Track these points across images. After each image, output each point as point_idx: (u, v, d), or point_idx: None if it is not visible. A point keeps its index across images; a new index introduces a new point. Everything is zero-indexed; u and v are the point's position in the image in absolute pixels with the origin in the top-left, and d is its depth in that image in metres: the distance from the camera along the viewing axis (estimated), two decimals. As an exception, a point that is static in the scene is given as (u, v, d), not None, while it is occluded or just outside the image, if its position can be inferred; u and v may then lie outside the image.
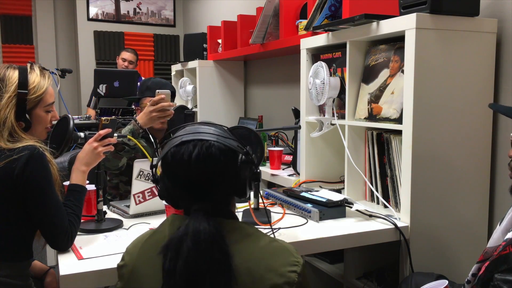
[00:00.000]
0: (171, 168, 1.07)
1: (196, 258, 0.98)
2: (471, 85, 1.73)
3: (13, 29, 5.34)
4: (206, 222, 1.01)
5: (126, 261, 1.12)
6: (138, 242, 1.13)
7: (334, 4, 2.09)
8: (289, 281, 1.01)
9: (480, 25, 1.72)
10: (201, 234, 0.99)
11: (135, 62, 4.51)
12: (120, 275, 1.13)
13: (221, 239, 1.01)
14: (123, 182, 2.39)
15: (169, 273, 0.99)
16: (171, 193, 1.11)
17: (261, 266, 1.01)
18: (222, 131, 1.11)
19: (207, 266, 0.98)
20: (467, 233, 1.77)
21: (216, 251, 0.99)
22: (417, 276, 1.54)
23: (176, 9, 5.90)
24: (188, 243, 0.98)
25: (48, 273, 1.73)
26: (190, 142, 1.06)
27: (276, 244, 1.07)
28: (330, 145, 2.27)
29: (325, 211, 1.74)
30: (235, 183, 1.10)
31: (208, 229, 1.00)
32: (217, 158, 1.05)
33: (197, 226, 1.00)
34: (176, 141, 1.07)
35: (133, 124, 2.07)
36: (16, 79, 1.45)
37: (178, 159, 1.05)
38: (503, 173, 1.80)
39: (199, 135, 1.07)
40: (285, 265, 1.02)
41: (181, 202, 1.12)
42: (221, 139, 1.07)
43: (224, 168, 1.06)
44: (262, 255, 1.03)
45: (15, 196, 1.40)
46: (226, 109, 3.95)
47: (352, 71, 1.97)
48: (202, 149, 1.04)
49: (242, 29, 3.37)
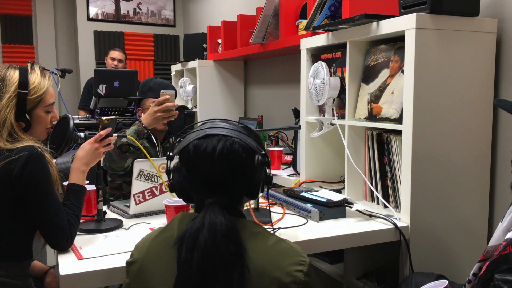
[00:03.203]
0: (192, 160, 1.08)
1: (213, 249, 0.99)
2: (471, 85, 1.73)
3: (13, 29, 5.34)
4: (221, 215, 1.02)
5: (135, 258, 1.12)
6: (148, 239, 1.14)
7: (334, 4, 2.09)
8: (295, 280, 1.01)
9: (480, 25, 1.72)
10: (217, 226, 1.01)
11: (124, 60, 4.45)
12: (129, 271, 1.13)
13: (236, 232, 1.02)
14: (126, 183, 2.39)
15: (186, 263, 1.00)
16: (186, 185, 1.11)
17: (268, 265, 1.02)
18: (242, 130, 1.13)
19: (222, 258, 0.99)
20: (467, 233, 1.77)
21: (231, 243, 1.00)
22: (417, 276, 1.54)
23: (176, 9, 5.90)
24: (204, 234, 1.00)
25: (48, 273, 1.73)
26: (215, 136, 1.07)
27: (284, 244, 1.08)
28: (330, 145, 2.27)
29: (325, 211, 1.74)
30: (250, 182, 1.11)
31: (224, 221, 1.02)
32: (240, 155, 1.07)
33: (213, 218, 1.02)
34: (200, 134, 1.09)
35: (137, 125, 2.08)
36: (17, 79, 1.45)
37: (201, 152, 1.06)
38: (503, 173, 1.80)
39: (222, 131, 1.09)
40: (292, 265, 1.03)
41: (195, 195, 1.12)
42: (243, 137, 1.10)
43: (244, 166, 1.08)
44: (270, 254, 1.04)
45: (14, 196, 1.40)
46: (226, 109, 3.95)
47: (352, 71, 1.97)
48: (226, 144, 1.06)
49: (242, 29, 3.37)
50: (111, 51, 4.45)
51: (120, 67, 4.37)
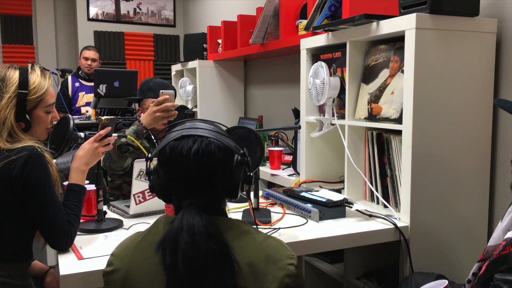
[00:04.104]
0: (169, 161, 1.07)
1: (194, 250, 0.99)
2: (471, 85, 1.73)
3: (13, 29, 5.35)
4: (198, 216, 1.02)
5: (116, 266, 1.09)
6: (129, 245, 1.11)
7: (334, 4, 2.09)
8: (289, 274, 1.03)
9: (480, 25, 1.72)
10: (195, 227, 1.00)
11: (98, 59, 4.27)
12: (109, 281, 1.09)
13: (216, 231, 1.02)
14: (126, 183, 2.39)
15: (171, 268, 0.99)
16: (164, 186, 1.10)
17: (261, 261, 1.03)
18: (220, 130, 1.12)
19: (205, 259, 0.98)
20: (467, 233, 1.77)
21: (212, 243, 1.00)
22: (417, 276, 1.54)
23: (176, 9, 5.91)
24: (184, 236, 0.99)
25: (48, 273, 1.74)
26: (190, 137, 1.06)
27: (272, 240, 1.09)
28: (330, 145, 2.27)
29: (325, 211, 1.74)
30: (228, 183, 1.10)
31: (201, 222, 1.01)
32: (216, 155, 1.06)
33: (190, 220, 1.01)
34: (176, 135, 1.08)
35: (137, 124, 2.08)
36: (17, 79, 1.45)
37: (177, 153, 1.05)
38: (503, 173, 1.80)
39: (199, 131, 1.08)
40: (284, 259, 1.04)
41: (174, 197, 1.11)
42: (220, 137, 1.09)
43: (221, 166, 1.07)
44: (261, 250, 1.05)
45: (14, 196, 1.40)
46: (226, 109, 3.95)
47: (352, 71, 1.97)
48: (201, 144, 1.05)
49: (242, 29, 3.37)
50: (84, 50, 4.26)
51: (94, 66, 4.19)
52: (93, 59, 4.22)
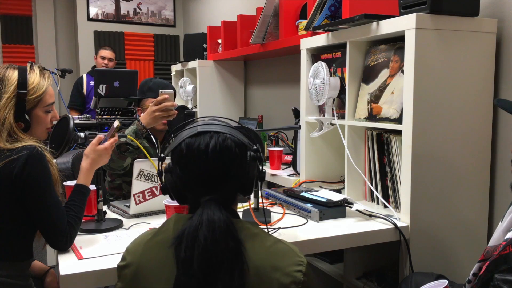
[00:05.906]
0: (185, 159, 1.07)
1: (213, 246, 0.99)
2: (471, 85, 1.73)
3: (13, 29, 5.35)
4: (219, 212, 1.02)
5: (129, 261, 1.10)
6: (141, 241, 1.12)
7: (334, 4, 2.09)
8: (295, 281, 1.02)
9: (480, 25, 1.72)
10: (215, 223, 1.00)
11: (114, 59, 4.41)
12: (121, 275, 1.11)
13: (233, 228, 1.02)
14: (126, 183, 2.39)
15: (186, 262, 0.99)
16: (180, 185, 1.10)
17: (268, 266, 1.02)
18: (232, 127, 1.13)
19: (222, 255, 0.99)
20: (467, 233, 1.77)
21: (230, 240, 1.00)
22: (417, 276, 1.54)
23: (176, 9, 5.91)
24: (204, 231, 0.99)
25: (48, 273, 1.74)
26: (207, 133, 1.07)
27: (282, 245, 1.08)
28: (330, 145, 2.27)
29: (325, 211, 1.74)
30: (243, 179, 1.11)
31: (222, 218, 1.01)
32: (233, 150, 1.07)
33: (211, 215, 1.01)
34: (191, 132, 1.08)
35: (136, 124, 2.08)
36: (16, 79, 1.45)
37: (194, 149, 1.06)
38: (503, 173, 1.80)
39: (213, 127, 1.09)
40: (291, 265, 1.03)
41: (190, 195, 1.11)
42: (234, 132, 1.10)
43: (237, 161, 1.08)
44: (269, 255, 1.04)
45: (14, 196, 1.40)
46: (226, 109, 3.95)
47: (352, 71, 1.97)
48: (218, 140, 1.06)
49: (242, 29, 3.37)
50: (101, 49, 4.39)
51: (111, 66, 4.31)
52: (110, 58, 4.33)
